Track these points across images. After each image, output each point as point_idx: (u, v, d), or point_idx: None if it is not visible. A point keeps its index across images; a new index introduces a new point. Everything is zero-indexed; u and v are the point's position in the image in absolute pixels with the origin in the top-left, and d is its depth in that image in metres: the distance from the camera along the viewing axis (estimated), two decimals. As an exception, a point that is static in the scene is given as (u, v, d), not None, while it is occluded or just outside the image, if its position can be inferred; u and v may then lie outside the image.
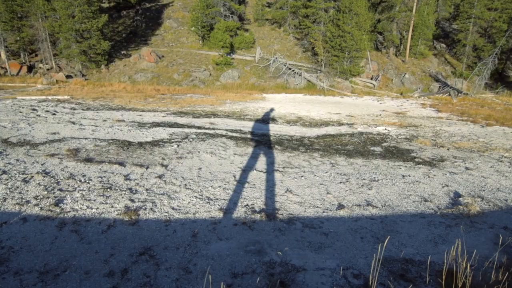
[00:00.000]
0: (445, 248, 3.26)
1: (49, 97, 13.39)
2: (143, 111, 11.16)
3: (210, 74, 23.02)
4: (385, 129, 9.74)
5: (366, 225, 3.66)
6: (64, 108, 10.95)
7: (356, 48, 22.52)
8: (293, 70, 23.19)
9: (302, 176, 5.16)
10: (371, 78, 24.88)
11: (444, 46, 32.71)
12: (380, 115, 12.86)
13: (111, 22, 31.54)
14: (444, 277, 2.67)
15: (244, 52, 27.10)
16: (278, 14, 30.92)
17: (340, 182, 4.98)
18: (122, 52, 25.56)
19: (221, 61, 23.19)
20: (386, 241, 2.98)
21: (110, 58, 24.49)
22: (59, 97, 13.48)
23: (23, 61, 23.09)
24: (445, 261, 2.91)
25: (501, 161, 6.64)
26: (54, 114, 9.67)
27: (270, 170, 5.42)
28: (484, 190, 4.92)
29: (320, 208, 4.06)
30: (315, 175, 5.25)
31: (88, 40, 21.66)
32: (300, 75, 22.68)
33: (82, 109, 10.85)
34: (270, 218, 3.70)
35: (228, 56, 25.08)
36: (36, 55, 24.40)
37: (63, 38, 21.39)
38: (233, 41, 26.72)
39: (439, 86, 24.79)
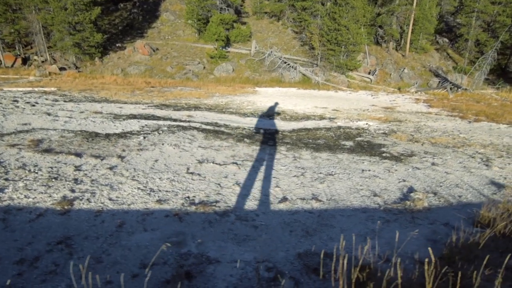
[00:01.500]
0: (373, 243, 3.18)
1: (36, 89, 13.43)
2: (125, 103, 11.14)
3: (204, 67, 22.91)
4: (366, 123, 9.60)
5: (301, 219, 3.59)
6: (46, 99, 10.96)
7: (353, 42, 22.21)
8: (288, 64, 22.99)
9: (258, 169, 5.10)
10: (369, 73, 24.58)
11: (447, 40, 32.14)
12: (367, 109, 12.69)
13: (108, 14, 31.49)
14: (356, 273, 2.60)
15: (240, 45, 26.91)
16: (276, 7, 30.61)
17: (295, 176, 4.91)
18: (117, 45, 25.54)
19: (215, 54, 23.06)
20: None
21: (105, 50, 24.49)
22: (45, 89, 13.51)
23: (18, 53, 23.18)
24: (363, 257, 2.84)
25: (473, 157, 6.50)
26: (33, 105, 9.68)
27: (228, 162, 5.36)
28: (441, 186, 4.81)
29: (262, 201, 4.00)
30: (272, 168, 5.18)
31: (81, 33, 21.65)
32: (295, 69, 22.47)
33: (64, 101, 10.86)
34: (205, 210, 3.65)
35: (224, 49, 24.93)
36: (32, 47, 24.50)
37: (56, 30, 21.41)
38: (229, 34, 26.54)
39: (439, 81, 24.41)
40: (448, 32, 33.11)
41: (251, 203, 3.91)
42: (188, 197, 3.98)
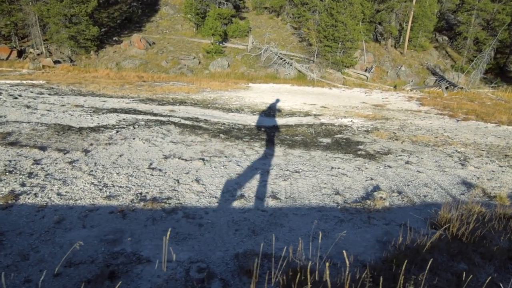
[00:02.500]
0: (322, 243, 3.07)
1: (24, 82, 13.36)
2: (111, 97, 11.04)
3: (200, 62, 22.75)
4: (351, 121, 9.45)
5: (252, 217, 3.48)
6: (31, 92, 10.88)
7: (350, 38, 21.94)
8: (284, 60, 22.77)
9: (223, 166, 4.98)
10: (365, 70, 24.32)
11: (447, 38, 31.75)
12: (357, 107, 12.52)
13: (107, 7, 31.33)
14: (289, 275, 2.50)
15: (238, 40, 26.68)
16: (276, 2, 30.31)
17: (260, 173, 4.79)
18: (114, 38, 25.39)
19: (211, 49, 22.88)
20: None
21: (102, 44, 24.35)
22: (34, 82, 13.43)
23: (14, 45, 23.08)
24: (303, 258, 2.73)
25: (450, 156, 6.36)
26: (16, 98, 9.60)
27: (195, 158, 5.25)
28: (409, 185, 4.68)
29: (216, 198, 3.89)
30: (238, 165, 5.07)
31: (77, 25, 21.50)
32: (290, 65, 22.26)
33: (49, 94, 10.77)
34: (153, 207, 3.55)
35: (221, 44, 24.72)
36: (28, 40, 24.40)
37: (51, 22, 21.28)
38: (227, 29, 26.33)
39: (436, 80, 24.12)
40: (449, 30, 32.68)
41: (205, 200, 3.81)
42: (141, 193, 3.88)
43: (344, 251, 3.00)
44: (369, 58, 25.28)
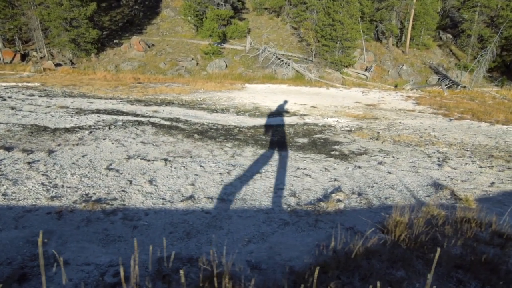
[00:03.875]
0: (256, 247, 2.95)
1: (20, 84, 13.54)
2: (100, 98, 11.08)
3: (197, 63, 22.78)
4: (337, 121, 9.27)
5: (192, 219, 3.38)
6: (23, 94, 11.00)
7: (347, 37, 21.67)
8: (282, 60, 22.62)
9: (185, 166, 4.89)
10: (366, 69, 23.99)
11: (451, 36, 31.13)
12: (348, 106, 12.31)
13: (110, 10, 31.75)
14: (206, 281, 2.38)
15: (237, 41, 26.65)
16: (275, 2, 30.22)
17: (220, 174, 4.68)
18: (115, 41, 25.65)
19: (209, 50, 22.89)
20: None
21: (103, 46, 24.63)
22: (29, 84, 13.61)
23: (18, 49, 23.53)
24: (228, 264, 2.61)
25: (429, 157, 6.14)
26: (4, 100, 9.72)
27: (159, 158, 5.17)
28: (373, 187, 4.51)
29: (164, 199, 3.80)
30: (200, 165, 4.97)
31: (77, 29, 21.78)
32: (288, 66, 22.10)
33: (40, 96, 10.87)
34: (93, 208, 3.48)
35: (219, 45, 24.75)
36: (33, 44, 24.84)
37: (52, 26, 21.61)
38: (225, 30, 26.32)
39: (438, 79, 23.63)
40: (453, 28, 32.04)
41: (150, 202, 3.72)
42: (87, 194, 3.81)
43: (276, 256, 2.88)
44: (369, 57, 24.94)
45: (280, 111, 10.36)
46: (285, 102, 12.44)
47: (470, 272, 2.80)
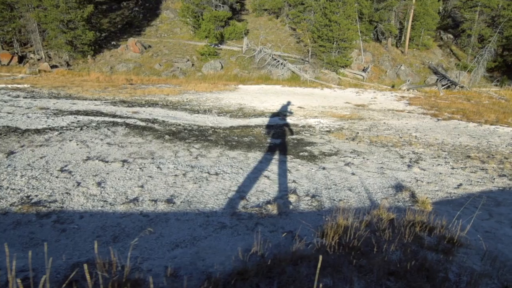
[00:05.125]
0: (181, 252, 2.83)
1: (10, 86, 13.61)
2: (84, 99, 11.07)
3: (193, 64, 22.76)
4: (319, 121, 9.11)
5: (126, 223, 3.27)
6: (8, 96, 11.04)
7: (344, 38, 21.46)
8: (278, 61, 22.49)
9: (141, 168, 4.79)
10: (363, 70, 23.73)
11: (451, 36, 30.70)
12: (337, 107, 12.13)
13: (109, 13, 31.97)
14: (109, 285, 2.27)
15: (235, 42, 26.59)
16: (274, 3, 30.13)
17: (175, 175, 4.57)
18: (112, 43, 25.77)
19: (205, 51, 22.86)
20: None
21: (100, 48, 24.76)
22: (19, 86, 13.68)
23: (16, 51, 23.76)
24: (145, 267, 2.50)
25: (402, 157, 5.96)
26: (-13, 101, 9.75)
27: (118, 160, 5.08)
28: (330, 189, 4.36)
29: (106, 202, 3.70)
30: (158, 167, 4.87)
31: (74, 31, 21.92)
32: (284, 66, 21.95)
33: (24, 97, 10.89)
34: (28, 210, 3.39)
35: (216, 46, 24.72)
36: (31, 46, 25.09)
37: (49, 28, 21.78)
38: (223, 31, 26.29)
39: (437, 79, 23.27)
40: (454, 28, 31.58)
41: (90, 204, 3.62)
42: (29, 196, 3.73)
43: (199, 261, 2.76)
44: (366, 58, 24.68)
45: (264, 112, 10.23)
46: (273, 103, 12.31)
47: (403, 279, 2.65)
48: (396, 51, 27.45)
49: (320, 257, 2.24)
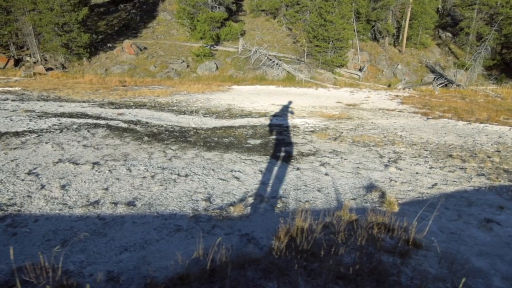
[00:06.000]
0: (129, 256, 2.77)
1: (1, 89, 13.65)
2: (73, 101, 11.06)
3: (188, 65, 22.75)
4: (305, 121, 9.03)
5: (80, 226, 3.21)
6: (-3, 98, 11.06)
7: (339, 38, 21.35)
8: (273, 61, 22.41)
9: (111, 170, 4.74)
10: (359, 69, 23.61)
11: (450, 35, 30.48)
12: (327, 107, 12.04)
13: (106, 15, 32.07)
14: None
15: (231, 43, 26.55)
16: (272, 4, 30.05)
17: (143, 178, 4.51)
18: (108, 45, 25.79)
19: (200, 53, 22.84)
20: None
21: (96, 50, 24.79)
22: (10, 89, 13.71)
23: (12, 54, 23.86)
24: (84, 272, 2.44)
25: (382, 157, 5.87)
26: (-26, 104, 9.75)
27: (89, 162, 5.03)
28: (299, 189, 4.28)
29: (65, 205, 3.64)
30: (128, 169, 4.81)
31: (69, 33, 21.97)
32: (279, 67, 21.88)
33: (13, 100, 10.90)
34: (-17, 214, 3.34)
35: (213, 47, 24.70)
36: (28, 49, 25.19)
37: (44, 31, 21.85)
38: (219, 32, 26.26)
39: (434, 78, 23.09)
40: (453, 26, 31.35)
41: (49, 207, 3.57)
42: (-13, 199, 3.69)
43: (144, 266, 2.69)
44: (363, 57, 24.54)
45: (251, 112, 10.17)
46: (264, 103, 12.25)
47: (352, 283, 2.58)
48: (393, 50, 27.30)
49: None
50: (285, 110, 10.80)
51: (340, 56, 22.16)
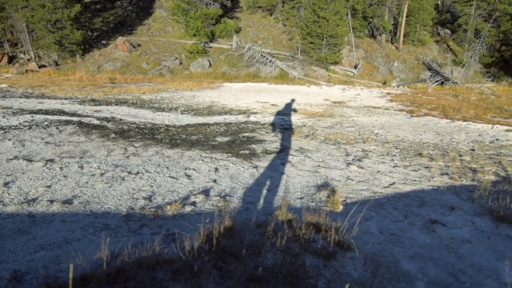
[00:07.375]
0: (42, 255, 2.69)
1: (-13, 85, 13.65)
2: (55, 98, 11.02)
3: (181, 63, 22.66)
4: (283, 118, 8.90)
5: (6, 224, 3.13)
6: (-21, 95, 11.05)
7: (333, 34, 21.13)
8: (267, 58, 22.25)
9: (62, 167, 4.66)
10: (354, 67, 23.38)
11: (449, 32, 30.09)
12: (312, 104, 11.90)
13: (103, 12, 32.03)
14: None
15: (225, 40, 26.41)
16: (268, 1, 29.84)
17: (92, 175, 4.43)
18: (102, 42, 25.78)
19: (193, 50, 22.73)
20: None
21: (90, 47, 24.79)
22: (-3, 85, 13.72)
23: (6, 51, 23.91)
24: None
25: (348, 155, 5.75)
26: (-46, 100, 9.74)
27: (45, 159, 4.96)
28: (248, 188, 4.17)
29: (1, 203, 3.57)
30: (80, 166, 4.73)
31: (62, 30, 21.96)
32: (272, 64, 21.72)
33: (-5, 97, 10.89)
34: None
35: (207, 44, 24.58)
36: (22, 46, 25.25)
37: (37, 28, 21.85)
38: (214, 29, 26.13)
39: (431, 75, 22.80)
40: (452, 23, 30.93)
41: (-19, 205, 3.50)
42: None
43: (54, 265, 2.60)
44: (359, 54, 24.29)
45: (231, 110, 10.06)
46: (248, 100, 12.13)
47: (264, 286, 2.47)
48: (390, 47, 27.00)
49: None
50: (268, 108, 10.68)
51: (334, 53, 21.94)
